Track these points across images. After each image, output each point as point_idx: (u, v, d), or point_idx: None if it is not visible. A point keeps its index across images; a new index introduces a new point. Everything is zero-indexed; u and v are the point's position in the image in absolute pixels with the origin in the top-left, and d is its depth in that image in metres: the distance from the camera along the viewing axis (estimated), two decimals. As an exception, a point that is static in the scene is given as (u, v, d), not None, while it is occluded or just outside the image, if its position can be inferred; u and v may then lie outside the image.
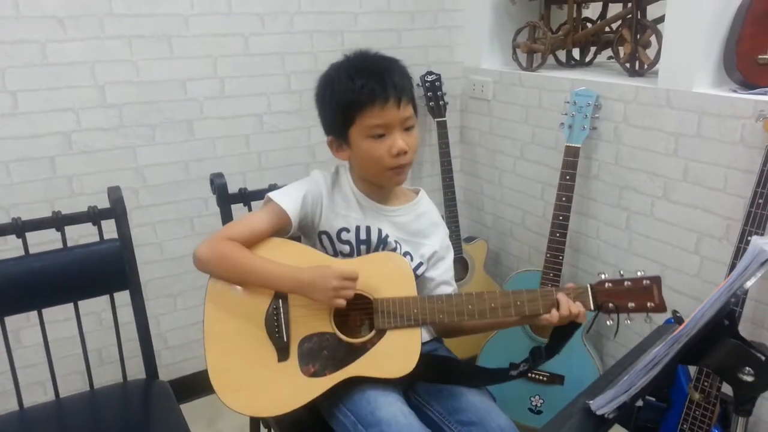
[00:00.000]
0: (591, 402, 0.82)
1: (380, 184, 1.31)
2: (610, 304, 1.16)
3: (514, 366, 1.28)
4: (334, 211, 1.31)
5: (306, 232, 1.34)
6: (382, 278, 1.23)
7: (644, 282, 1.15)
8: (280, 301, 1.22)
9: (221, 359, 1.21)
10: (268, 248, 1.26)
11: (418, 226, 1.35)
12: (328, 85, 1.26)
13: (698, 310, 0.71)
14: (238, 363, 1.21)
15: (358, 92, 1.19)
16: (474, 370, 1.33)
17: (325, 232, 1.31)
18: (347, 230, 1.30)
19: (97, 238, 1.46)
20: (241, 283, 1.23)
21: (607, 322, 1.18)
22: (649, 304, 1.15)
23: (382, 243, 1.31)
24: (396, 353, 1.19)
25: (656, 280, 1.15)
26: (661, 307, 1.15)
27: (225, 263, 1.22)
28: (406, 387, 1.29)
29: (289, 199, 1.27)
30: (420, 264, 1.32)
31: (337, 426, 1.21)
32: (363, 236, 1.30)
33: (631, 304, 1.15)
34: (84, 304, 1.48)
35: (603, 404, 0.81)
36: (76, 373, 1.95)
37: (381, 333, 1.20)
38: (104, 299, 1.50)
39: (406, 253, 1.31)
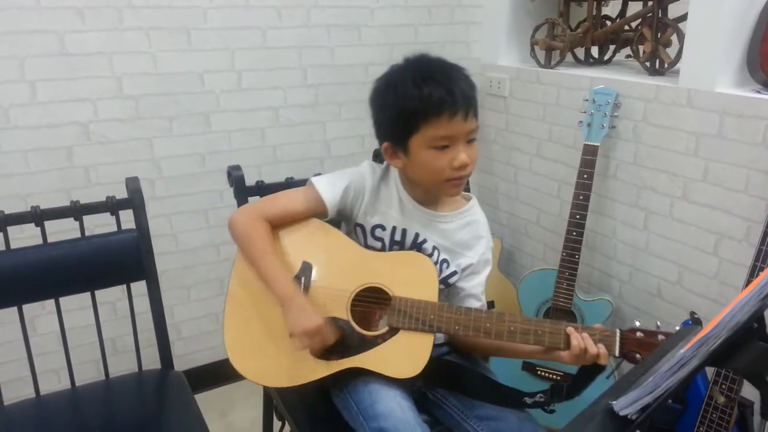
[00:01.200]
0: (614, 402, 0.81)
1: (437, 193, 1.27)
2: (638, 355, 1.09)
3: (531, 395, 1.22)
4: (374, 206, 1.29)
5: (344, 219, 1.34)
6: (406, 277, 1.22)
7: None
8: (303, 277, 1.23)
9: (236, 324, 1.25)
10: (306, 230, 1.29)
11: (462, 235, 1.31)
12: (390, 90, 1.19)
13: (727, 312, 0.70)
14: (252, 331, 1.24)
15: (426, 100, 1.13)
16: (486, 384, 1.28)
17: (360, 225, 1.30)
18: (383, 228, 1.28)
19: (113, 228, 1.47)
20: (251, 265, 1.26)
21: (611, 364, 1.15)
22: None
23: (416, 247, 1.28)
24: (404, 354, 1.18)
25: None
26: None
27: (247, 244, 1.25)
28: (421, 385, 1.29)
29: (330, 190, 1.27)
30: (454, 273, 1.29)
31: (345, 413, 1.23)
32: (398, 237, 1.28)
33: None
34: (99, 294, 1.49)
35: (626, 405, 0.80)
36: (91, 361, 1.95)
37: (394, 331, 1.19)
38: (118, 289, 1.51)
39: (443, 261, 1.29)
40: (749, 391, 1.48)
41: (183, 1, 1.90)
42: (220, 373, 2.21)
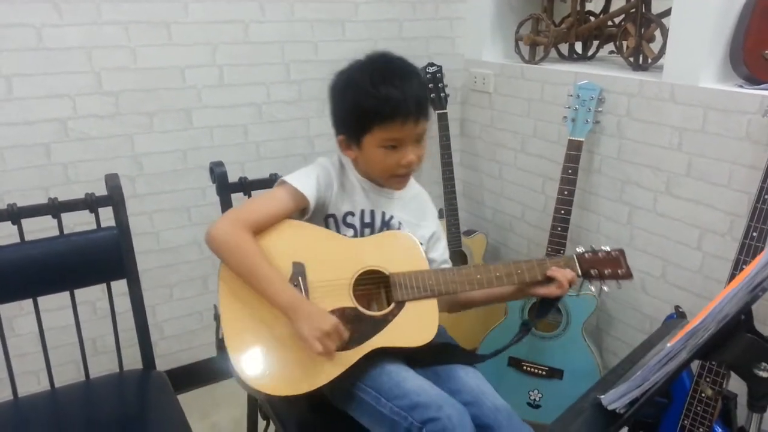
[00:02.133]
0: (602, 397, 0.81)
1: (382, 185, 1.34)
2: (592, 271, 1.31)
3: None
4: (342, 195, 1.32)
5: (314, 214, 1.32)
6: (393, 255, 1.28)
7: (613, 253, 1.33)
8: (300, 278, 1.21)
9: (242, 343, 1.17)
10: (284, 228, 1.26)
11: (415, 206, 1.40)
12: (350, 86, 1.24)
13: (716, 305, 0.69)
14: (261, 344, 1.17)
15: (382, 103, 1.18)
16: (466, 352, 1.38)
17: (332, 215, 1.32)
18: (352, 214, 1.32)
19: (92, 227, 1.44)
20: (245, 280, 1.20)
21: (590, 288, 1.37)
22: (620, 271, 1.31)
23: (386, 225, 1.34)
24: (417, 323, 1.23)
25: (621, 252, 1.33)
26: (628, 274, 1.32)
27: (237, 257, 1.19)
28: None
29: (306, 184, 1.27)
30: (420, 244, 1.34)
31: (356, 405, 1.20)
32: (367, 219, 1.33)
33: (607, 271, 1.31)
34: (79, 293, 1.46)
35: (615, 399, 0.80)
36: (71, 362, 1.92)
37: (400, 305, 1.24)
38: (99, 288, 1.48)
39: None
40: (733, 384, 1.49)
41: (163, -6, 1.87)
42: (203, 373, 2.19)
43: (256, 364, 1.16)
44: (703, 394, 1.48)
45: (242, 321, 1.19)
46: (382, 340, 1.20)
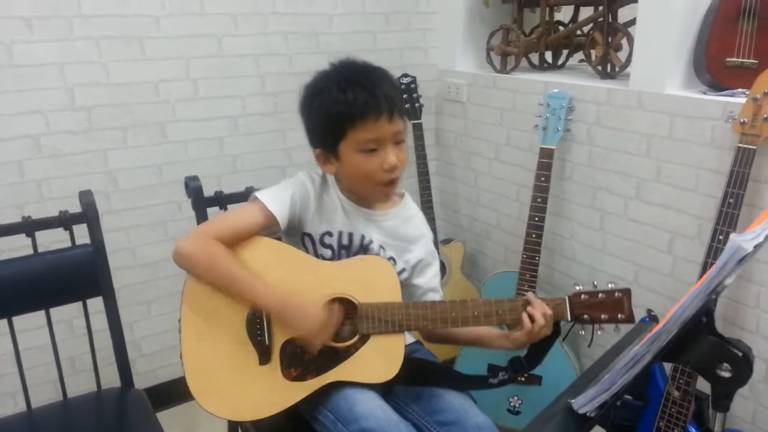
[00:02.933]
0: (573, 401, 0.82)
1: (369, 198, 1.29)
2: (585, 315, 1.20)
3: (493, 374, 1.28)
4: (320, 214, 1.28)
5: (289, 231, 1.30)
6: (367, 283, 1.22)
7: (616, 294, 1.20)
8: None
9: (199, 362, 1.18)
10: (255, 248, 1.22)
11: (404, 230, 1.33)
12: (317, 96, 1.21)
13: (678, 308, 0.72)
14: (217, 366, 1.18)
15: (351, 105, 1.15)
16: (452, 375, 1.33)
17: (309, 235, 1.28)
18: (330, 234, 1.28)
19: (67, 245, 1.43)
20: (222, 290, 1.19)
21: (580, 332, 1.22)
22: (620, 316, 1.20)
23: (364, 248, 1.29)
24: (379, 359, 1.19)
25: (627, 293, 1.20)
26: (630, 319, 1.20)
27: (211, 268, 1.18)
28: (385, 390, 1.29)
29: (277, 202, 1.23)
30: (403, 270, 1.31)
31: (319, 427, 1.21)
32: (345, 242, 1.28)
33: (603, 316, 1.19)
34: (55, 312, 1.45)
35: (585, 403, 0.81)
36: (49, 382, 1.90)
37: (365, 338, 1.20)
38: (76, 307, 1.46)
39: (390, 258, 1.30)
40: (706, 386, 1.52)
41: (134, 9, 1.87)
42: (184, 390, 2.16)
43: (213, 388, 1.17)
44: (672, 395, 1.51)
45: (202, 341, 1.19)
46: (341, 373, 1.18)
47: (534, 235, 1.92)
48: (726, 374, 0.77)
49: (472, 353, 2.07)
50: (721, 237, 1.46)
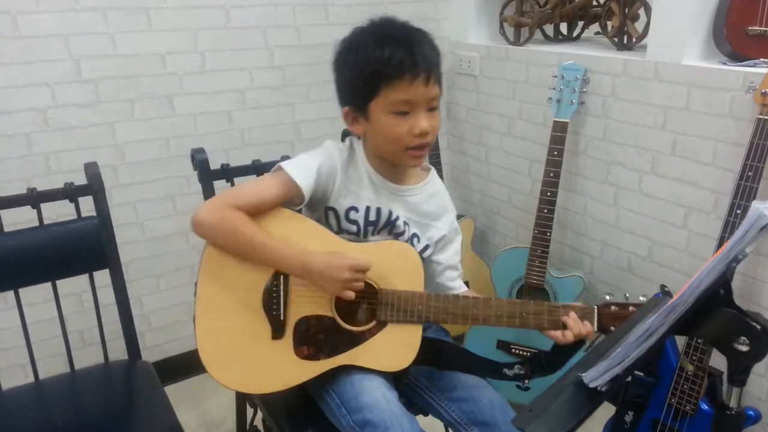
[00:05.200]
0: (583, 374, 0.80)
1: (396, 163, 1.23)
2: (612, 328, 1.14)
3: (510, 365, 1.24)
4: (347, 188, 1.23)
5: (312, 205, 1.24)
6: (390, 268, 1.19)
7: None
8: (282, 277, 1.17)
9: (212, 330, 1.16)
10: (278, 221, 1.19)
11: (428, 207, 1.29)
12: (352, 51, 1.15)
13: (695, 279, 0.69)
14: (230, 336, 1.17)
15: (387, 62, 1.10)
16: (466, 358, 1.29)
17: (333, 209, 1.23)
18: (356, 209, 1.23)
19: (73, 217, 1.42)
20: (244, 257, 1.16)
21: None
22: None
23: (391, 225, 1.24)
24: (393, 348, 1.17)
25: None
26: None
27: (230, 234, 1.15)
28: (398, 373, 1.27)
29: (303, 173, 1.18)
30: (426, 247, 1.28)
31: (324, 407, 1.20)
32: (372, 217, 1.23)
33: None
34: (64, 286, 1.45)
35: (596, 376, 0.79)
36: (58, 355, 1.90)
37: (382, 324, 1.17)
38: (85, 280, 1.46)
39: (413, 235, 1.26)
40: (719, 362, 1.50)
41: (141, -20, 1.84)
42: (192, 363, 2.15)
43: (224, 358, 1.16)
44: (685, 370, 1.49)
45: (217, 312, 1.17)
46: (353, 357, 1.16)
47: (546, 211, 1.89)
48: (743, 348, 0.74)
49: (482, 329, 2.05)
50: (738, 211, 1.42)
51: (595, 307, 1.15)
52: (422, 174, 1.31)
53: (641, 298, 1.15)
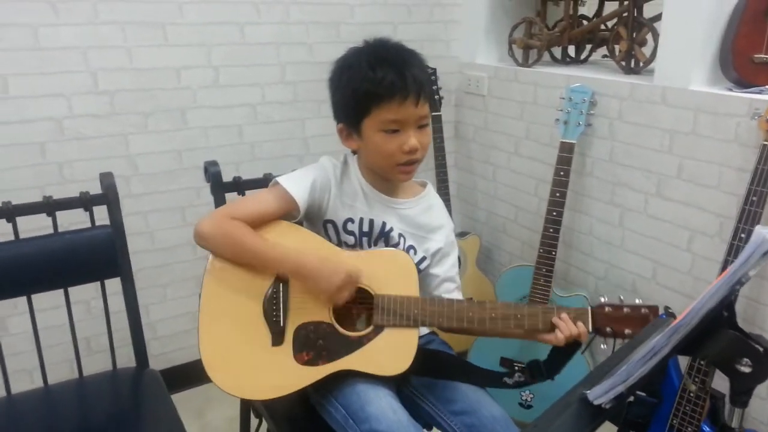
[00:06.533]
0: (588, 392, 0.82)
1: (387, 178, 1.29)
2: (608, 329, 1.17)
3: (509, 369, 1.26)
4: (342, 200, 1.28)
5: (311, 219, 1.31)
6: (386, 274, 1.22)
7: (642, 310, 1.17)
8: (281, 285, 1.21)
9: (214, 338, 1.20)
10: (277, 232, 1.24)
11: (424, 219, 1.33)
12: (346, 71, 1.21)
13: (698, 301, 0.71)
14: (231, 343, 1.19)
15: (378, 83, 1.15)
16: (467, 369, 1.31)
17: (331, 221, 1.29)
18: (352, 221, 1.28)
19: (86, 226, 1.44)
20: (243, 263, 1.21)
21: (602, 346, 1.20)
22: None
23: (385, 236, 1.29)
24: (391, 351, 1.19)
25: (654, 310, 1.17)
26: None
27: (229, 243, 1.19)
28: (400, 380, 1.29)
29: (298, 186, 1.24)
30: (423, 258, 1.31)
31: (329, 418, 1.21)
32: (366, 228, 1.28)
33: (627, 331, 1.16)
34: (73, 293, 1.46)
35: (600, 394, 0.81)
36: (65, 361, 1.92)
37: (379, 329, 1.20)
38: (93, 288, 1.48)
39: (410, 247, 1.30)
40: (721, 384, 1.51)
41: (158, -4, 1.88)
42: (196, 373, 2.16)
43: (224, 363, 1.18)
44: (688, 390, 1.50)
45: (218, 318, 1.20)
46: (351, 362, 1.18)
47: (551, 230, 1.91)
48: (746, 369, 0.76)
49: (485, 346, 2.06)
50: (743, 235, 1.43)
51: (589, 308, 1.18)
52: (417, 188, 1.37)
53: (637, 301, 1.18)
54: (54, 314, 1.61)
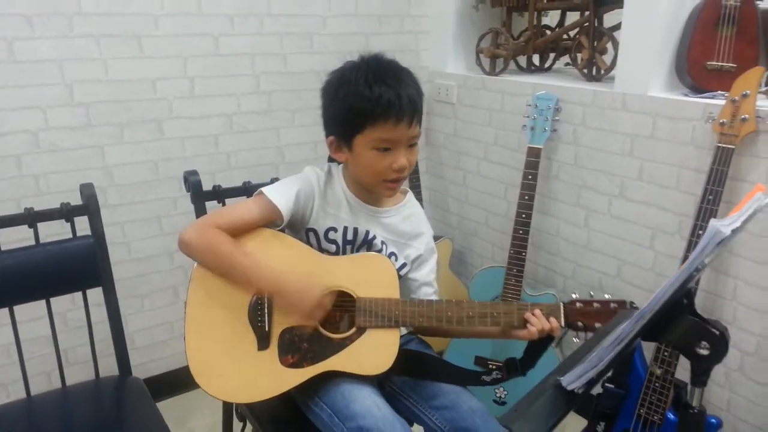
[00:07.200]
0: (561, 378, 0.88)
1: (372, 192, 1.32)
2: (579, 323, 1.22)
3: (487, 372, 1.31)
4: (325, 210, 1.31)
5: (293, 227, 1.33)
6: (367, 278, 1.26)
7: (611, 305, 1.22)
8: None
9: (200, 342, 1.23)
10: (259, 239, 1.27)
11: (406, 227, 1.37)
12: (342, 86, 1.22)
13: (662, 288, 0.77)
14: (218, 347, 1.23)
15: (375, 103, 1.17)
16: (447, 369, 1.36)
17: (313, 230, 1.31)
18: (335, 230, 1.31)
19: (65, 237, 1.46)
20: (223, 275, 1.24)
21: (574, 339, 1.26)
22: None
23: (368, 243, 1.32)
24: (374, 351, 1.23)
25: (621, 304, 1.22)
26: None
27: (211, 254, 1.22)
28: (382, 378, 1.33)
29: (282, 196, 1.26)
30: (404, 265, 1.35)
31: (314, 418, 1.25)
32: (350, 237, 1.32)
33: (597, 324, 1.21)
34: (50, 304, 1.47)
35: (573, 380, 0.86)
36: (41, 374, 1.92)
37: (361, 331, 1.24)
38: (69, 300, 1.48)
39: (391, 254, 1.34)
40: (684, 375, 1.59)
41: (134, 8, 1.90)
42: (176, 382, 2.20)
43: (211, 368, 1.21)
44: (654, 378, 1.58)
45: (204, 324, 1.23)
46: (336, 363, 1.22)
47: (521, 232, 1.98)
48: (704, 351, 0.83)
49: (460, 346, 2.12)
50: (700, 232, 1.52)
51: (562, 304, 1.23)
52: (399, 196, 1.40)
53: (606, 296, 1.24)
54: (30, 327, 1.61)
